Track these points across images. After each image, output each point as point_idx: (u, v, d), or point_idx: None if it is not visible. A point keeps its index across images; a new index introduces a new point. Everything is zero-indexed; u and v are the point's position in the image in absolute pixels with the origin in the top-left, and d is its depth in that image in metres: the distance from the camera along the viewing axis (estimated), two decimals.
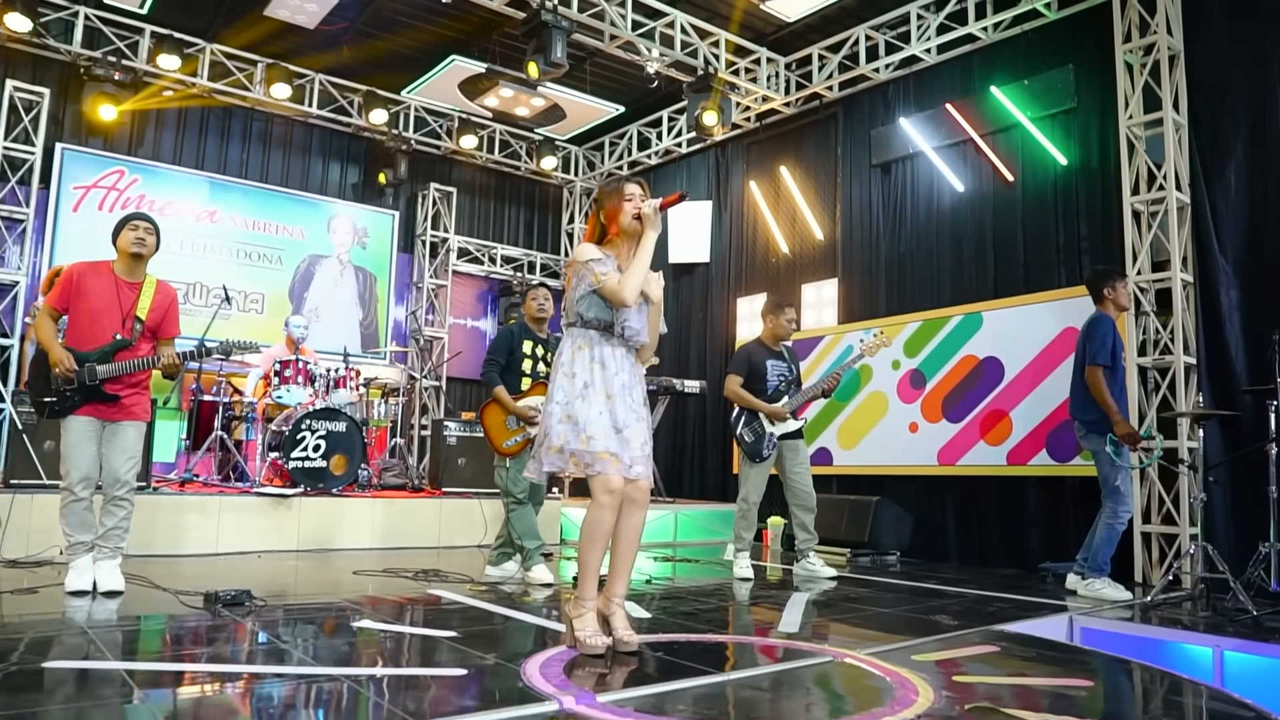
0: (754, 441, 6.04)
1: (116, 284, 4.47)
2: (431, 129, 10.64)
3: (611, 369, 3.55)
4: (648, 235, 3.54)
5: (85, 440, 4.36)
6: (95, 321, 4.37)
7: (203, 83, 9.22)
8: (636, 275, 3.49)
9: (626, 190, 3.64)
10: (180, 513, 6.49)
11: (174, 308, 4.67)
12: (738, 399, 6.10)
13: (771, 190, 9.52)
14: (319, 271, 10.04)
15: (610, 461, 3.40)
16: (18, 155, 8.25)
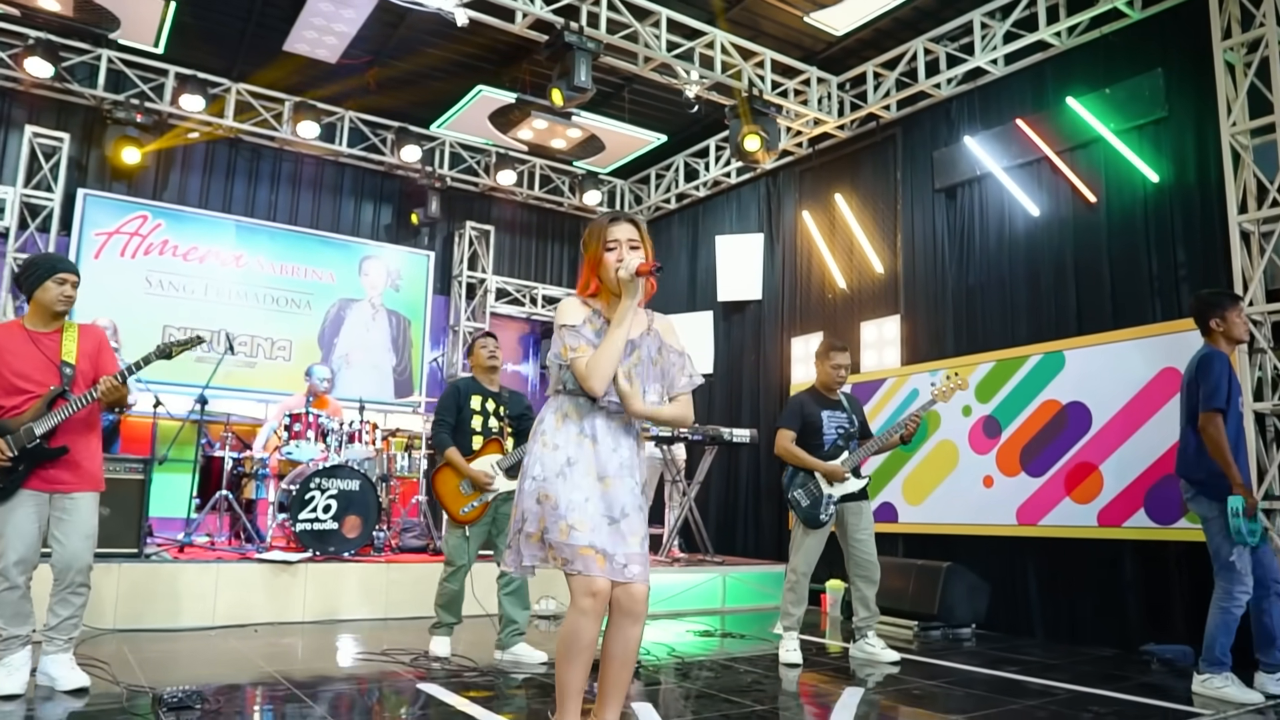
0: (809, 505, 5.28)
1: (32, 338, 3.95)
2: (468, 165, 10.19)
3: (606, 445, 2.91)
4: (623, 306, 2.88)
5: (26, 518, 3.83)
6: (20, 382, 3.88)
7: (228, 123, 8.91)
8: (606, 359, 2.84)
9: (610, 235, 2.97)
10: (176, 582, 5.97)
11: (105, 345, 4.17)
12: (789, 457, 5.36)
13: (826, 220, 8.78)
14: (350, 316, 9.60)
15: (595, 560, 2.75)
16: (38, 202, 8.00)
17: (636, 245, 2.99)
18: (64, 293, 3.96)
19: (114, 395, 3.91)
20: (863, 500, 5.41)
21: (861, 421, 5.57)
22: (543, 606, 7.06)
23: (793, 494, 5.35)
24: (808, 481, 5.32)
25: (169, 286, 8.67)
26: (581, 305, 3.02)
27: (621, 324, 2.86)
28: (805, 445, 5.35)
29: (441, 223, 10.13)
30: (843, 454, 5.32)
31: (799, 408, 5.44)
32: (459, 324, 10.06)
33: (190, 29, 7.98)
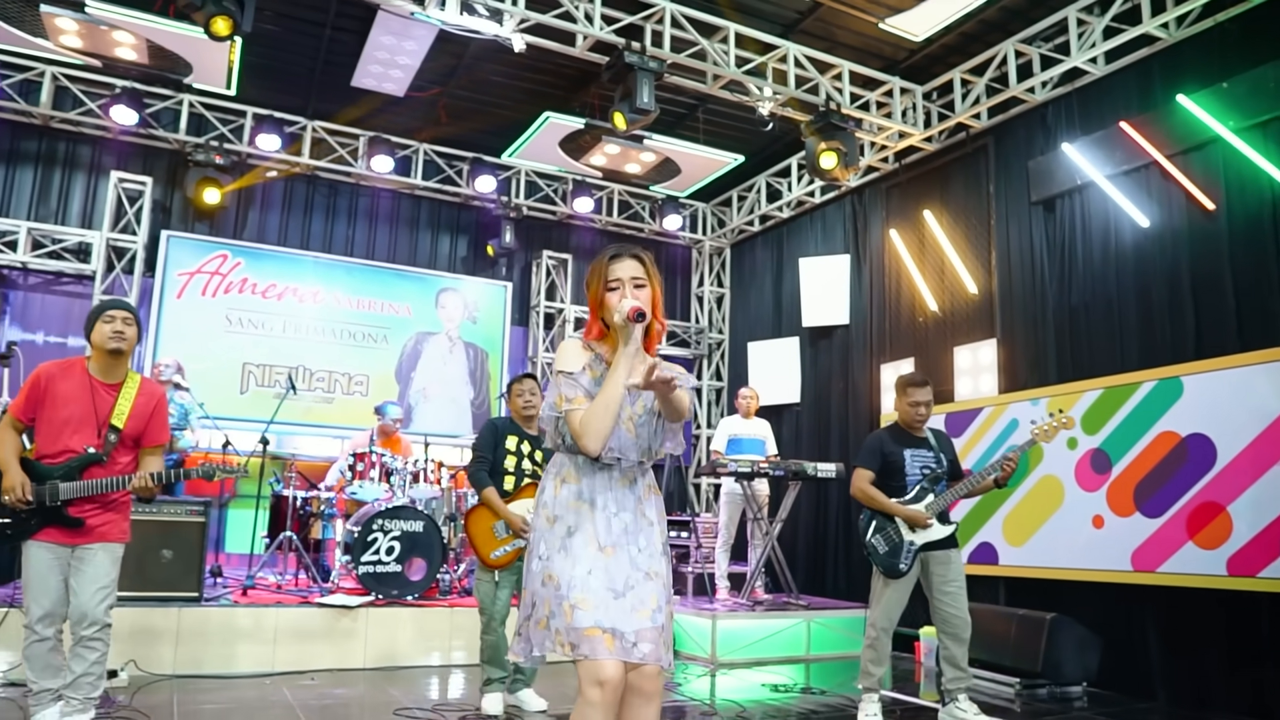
0: (888, 553, 4.80)
1: (91, 386, 3.83)
2: (544, 193, 10.02)
3: (607, 508, 2.60)
4: (618, 356, 2.54)
5: (48, 571, 3.74)
6: (65, 432, 3.77)
7: (304, 160, 8.97)
8: (603, 414, 2.50)
9: (611, 272, 2.65)
10: (235, 627, 5.87)
11: (160, 411, 3.99)
12: (865, 499, 4.90)
13: (915, 239, 8.22)
14: (427, 349, 9.51)
15: (602, 641, 2.43)
16: (123, 245, 8.17)
17: (642, 284, 2.65)
18: (113, 329, 3.83)
19: (145, 493, 3.85)
20: (950, 548, 4.88)
21: (951, 460, 5.04)
22: None
23: (870, 540, 4.87)
24: (886, 526, 4.83)
25: (248, 324, 8.74)
26: (583, 349, 2.69)
27: (618, 373, 2.52)
28: (885, 487, 4.88)
29: (519, 252, 9.98)
30: (928, 497, 4.82)
31: (878, 445, 4.96)
32: (537, 355, 9.86)
33: (261, 70, 8.05)
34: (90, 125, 8.29)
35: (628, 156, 8.89)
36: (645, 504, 2.68)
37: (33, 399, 3.79)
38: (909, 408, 4.95)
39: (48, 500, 3.69)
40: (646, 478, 2.73)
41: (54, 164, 8.28)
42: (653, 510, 2.71)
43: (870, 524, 4.89)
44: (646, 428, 2.67)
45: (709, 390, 10.63)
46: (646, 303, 2.64)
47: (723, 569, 8.05)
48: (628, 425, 2.62)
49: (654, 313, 2.71)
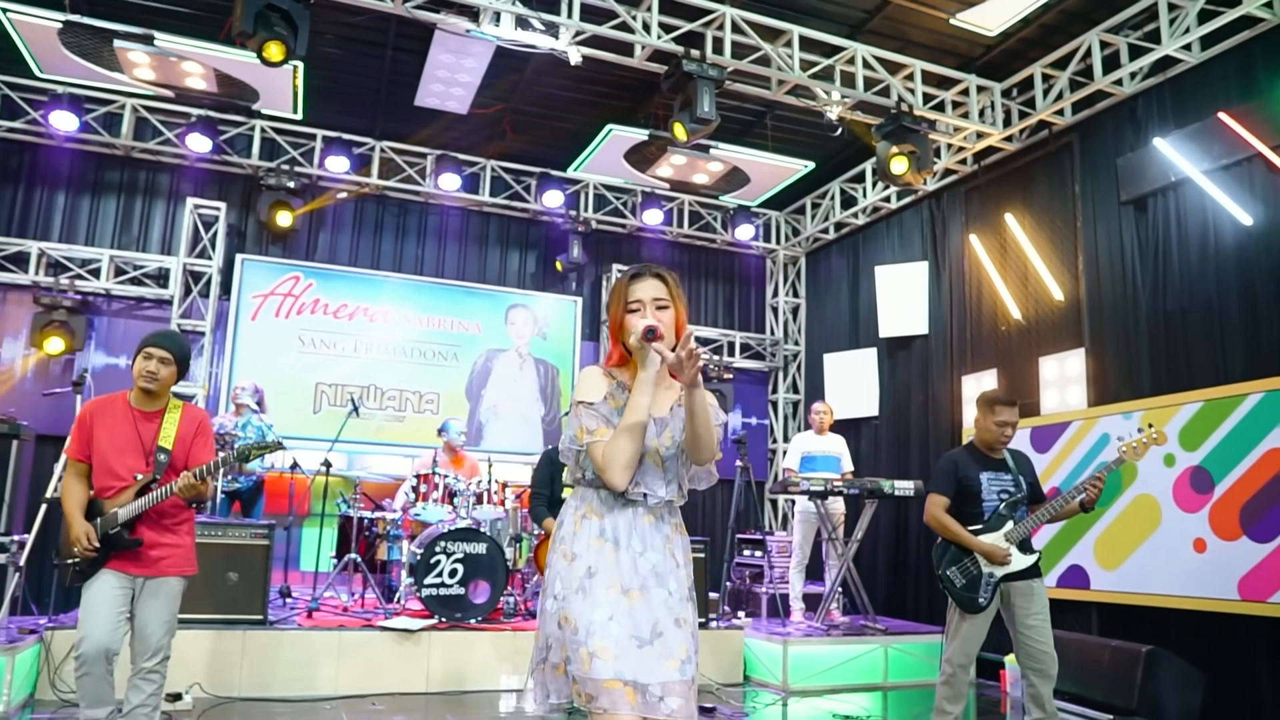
0: (965, 586, 4.48)
1: (134, 417, 3.84)
2: (613, 206, 9.90)
3: (631, 548, 2.42)
4: (639, 379, 2.38)
5: (106, 601, 3.68)
6: (115, 463, 3.77)
7: (373, 181, 9.06)
8: (625, 445, 2.34)
9: (632, 293, 2.49)
10: (300, 650, 5.87)
11: (204, 433, 3.96)
12: (940, 528, 4.59)
13: (997, 244, 7.81)
14: (497, 366, 9.48)
15: (623, 695, 2.26)
16: (199, 269, 8.36)
17: (665, 305, 2.48)
18: (147, 369, 3.80)
19: (192, 492, 3.74)
20: (1033, 579, 4.52)
21: (1031, 484, 4.69)
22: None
23: (946, 573, 4.55)
24: (963, 557, 4.51)
25: (320, 344, 8.84)
26: (603, 377, 2.52)
27: (638, 400, 2.34)
28: (961, 513, 4.56)
29: (589, 266, 9.88)
30: (1006, 524, 4.49)
31: (952, 469, 4.64)
32: None
33: (328, 93, 8.14)
34: (168, 154, 8.52)
35: (694, 167, 8.70)
36: (673, 543, 2.50)
37: (82, 437, 3.81)
38: (995, 428, 4.61)
39: (109, 529, 3.68)
40: (675, 516, 2.54)
41: (135, 193, 8.53)
42: (680, 551, 2.52)
43: (945, 555, 4.58)
44: (674, 461, 2.49)
45: (785, 404, 10.33)
46: (669, 325, 2.46)
47: (797, 590, 7.77)
48: (654, 459, 2.45)
49: (677, 334, 2.53)
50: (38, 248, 7.93)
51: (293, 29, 5.52)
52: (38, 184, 8.24)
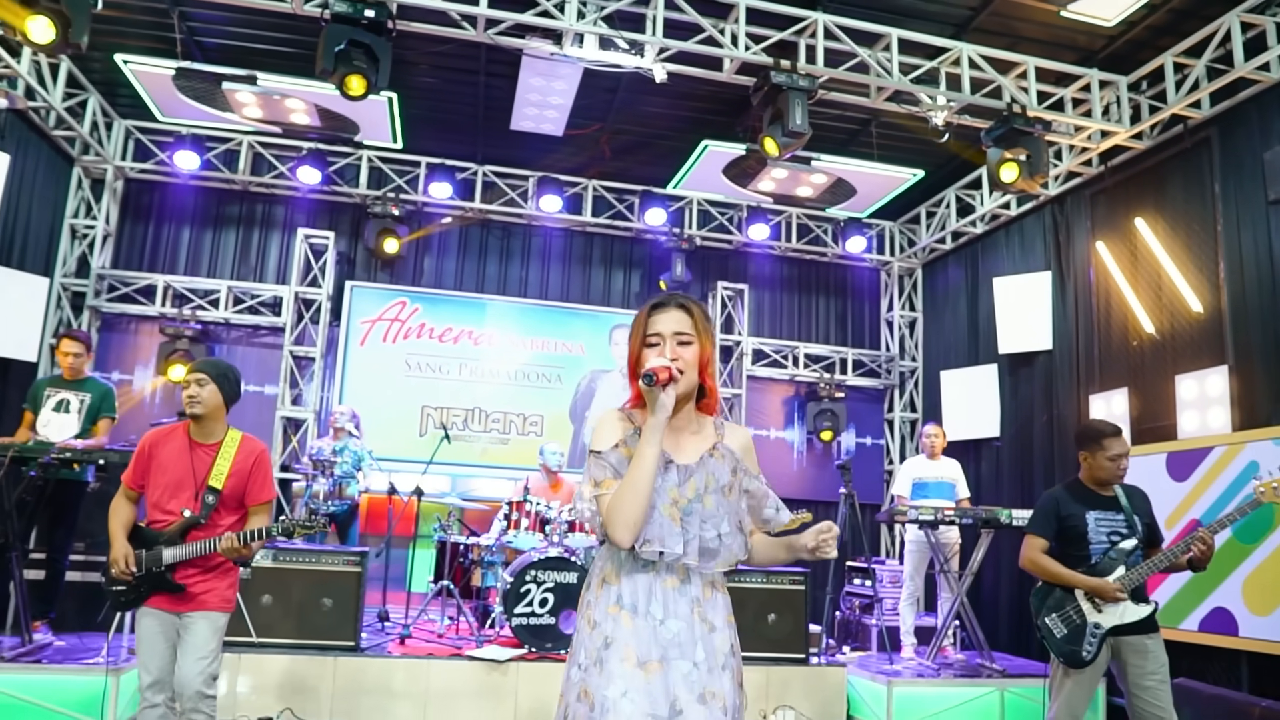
0: (1066, 637, 4.05)
1: (191, 448, 3.79)
2: (717, 222, 9.68)
3: (650, 615, 2.21)
4: (647, 426, 2.18)
5: (154, 637, 3.73)
6: (167, 496, 3.75)
7: (476, 205, 9.15)
8: (630, 498, 2.15)
9: (651, 325, 2.29)
10: (389, 678, 5.89)
11: (260, 468, 3.89)
12: (1038, 570, 4.17)
13: (1126, 251, 7.17)
14: (601, 387, 9.40)
15: None
16: (310, 297, 8.63)
17: (688, 340, 2.27)
18: (187, 395, 3.78)
19: (234, 555, 3.70)
20: (1148, 634, 4.03)
21: (1148, 524, 4.18)
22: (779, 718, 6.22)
23: (1044, 621, 4.12)
24: (1065, 604, 4.08)
25: (426, 368, 8.97)
26: (619, 422, 2.32)
27: (646, 448, 2.14)
28: (1064, 557, 4.12)
29: (693, 284, 9.69)
30: (1117, 569, 4.02)
31: (1053, 507, 4.20)
32: None
33: (428, 121, 8.27)
34: (282, 187, 8.85)
35: (797, 180, 8.38)
36: (706, 605, 2.26)
37: (139, 466, 3.80)
38: (1108, 463, 4.13)
39: (152, 566, 3.69)
40: (707, 574, 2.29)
41: (252, 225, 8.90)
42: (718, 613, 2.28)
43: (1044, 601, 4.15)
44: (697, 516, 2.25)
45: (901, 423, 9.83)
46: (691, 362, 2.26)
47: (908, 624, 7.32)
48: (670, 511, 2.22)
49: (703, 372, 2.31)
50: (164, 281, 8.36)
51: (374, 62, 5.57)
52: (166, 220, 8.71)
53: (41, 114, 7.44)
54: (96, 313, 8.27)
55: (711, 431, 2.39)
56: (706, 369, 2.33)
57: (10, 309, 7.15)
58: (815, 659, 6.69)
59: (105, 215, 8.33)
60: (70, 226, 8.22)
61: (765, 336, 9.83)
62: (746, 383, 9.51)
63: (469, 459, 8.87)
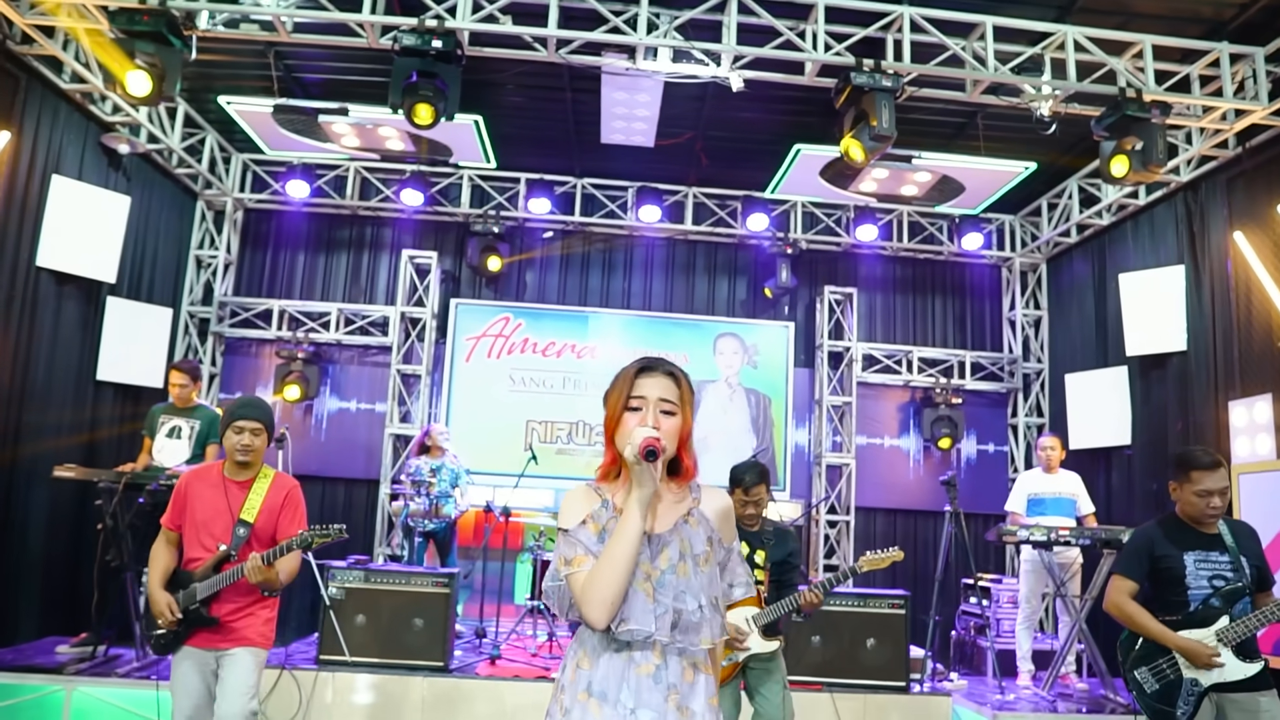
0: (1158, 694, 3.65)
1: (225, 486, 3.84)
2: (824, 225, 9.35)
3: (620, 704, 2.07)
4: (631, 500, 2.05)
5: (189, 675, 3.75)
6: (203, 534, 3.79)
7: (576, 218, 9.16)
8: (606, 576, 2.03)
9: (637, 388, 2.18)
10: (474, 700, 5.96)
11: (291, 503, 3.90)
12: (1123, 618, 3.77)
13: (1269, 241, 6.46)
14: (705, 398, 9.24)
15: None
16: (416, 316, 8.86)
17: (672, 410, 2.16)
18: (241, 442, 3.82)
19: (259, 576, 3.64)
20: (1261, 692, 3.55)
21: (1257, 567, 3.68)
22: None
23: (1135, 673, 3.73)
24: (1156, 655, 3.68)
25: (530, 382, 9.06)
26: (587, 495, 2.21)
27: (628, 523, 2.02)
28: (1160, 602, 3.71)
29: (801, 289, 9.42)
30: (1220, 619, 3.59)
31: (1146, 547, 3.77)
32: (823, 398, 9.18)
33: (519, 139, 8.33)
34: (388, 209, 9.12)
35: (900, 179, 7.99)
36: (685, 691, 2.11)
37: (177, 506, 3.84)
38: (1195, 499, 3.69)
39: (188, 605, 3.72)
40: (688, 655, 2.14)
41: (362, 248, 9.22)
42: (698, 698, 2.12)
43: (1132, 650, 3.76)
44: (670, 588, 2.11)
45: (1026, 429, 9.23)
46: (671, 434, 2.14)
47: (1024, 649, 6.87)
48: (642, 586, 2.08)
49: (681, 448, 2.19)
50: (279, 306, 8.77)
51: (439, 91, 5.62)
52: (282, 247, 9.14)
53: (164, 154, 7.92)
54: (220, 338, 8.77)
55: (687, 497, 2.25)
56: (685, 444, 2.21)
57: (139, 339, 7.65)
58: (918, 687, 6.36)
59: (226, 245, 8.83)
60: (195, 257, 8.75)
61: (877, 341, 9.43)
62: (857, 390, 9.15)
63: (572, 472, 8.90)
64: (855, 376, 9.17)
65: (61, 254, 6.75)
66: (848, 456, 9.03)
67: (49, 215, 6.64)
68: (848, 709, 6.12)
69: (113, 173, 7.36)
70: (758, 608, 4.24)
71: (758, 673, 4.34)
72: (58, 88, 6.59)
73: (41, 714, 5.44)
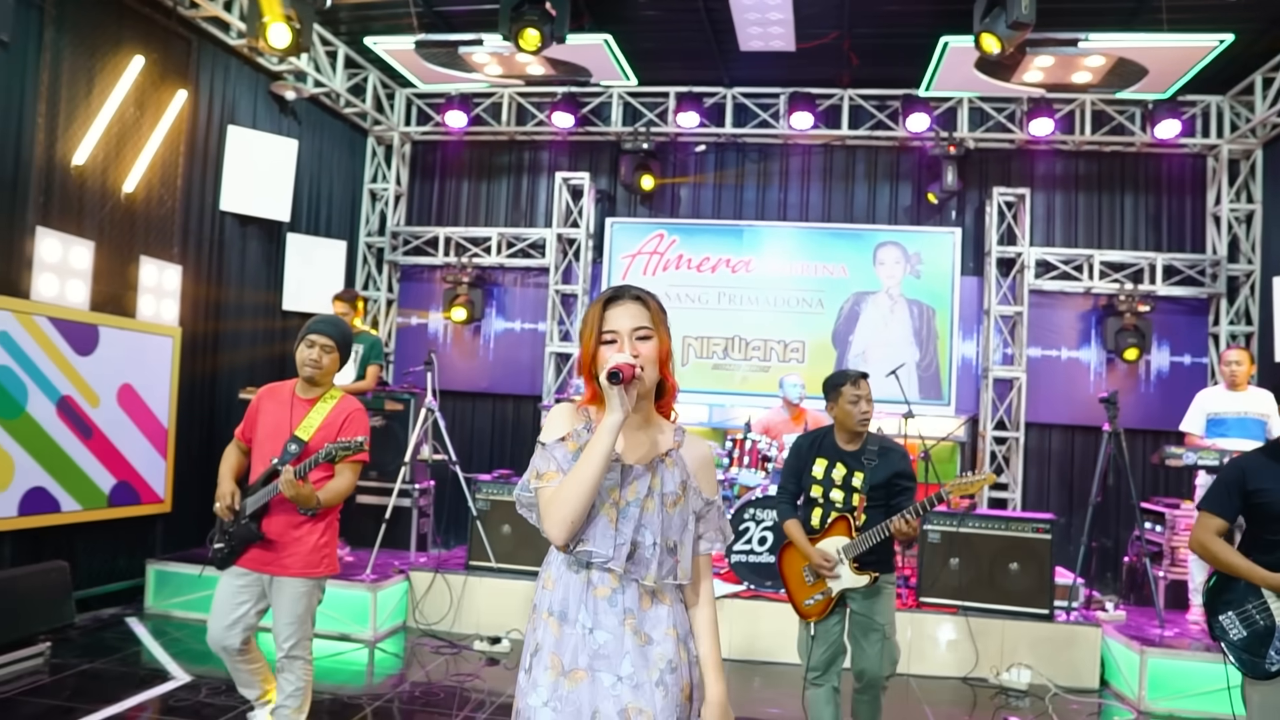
0: (1245, 641, 3.29)
1: (292, 403, 3.78)
2: (994, 121, 8.64)
3: (579, 623, 2.14)
4: (601, 426, 2.07)
5: (225, 600, 3.72)
6: (265, 448, 3.74)
7: (728, 130, 8.98)
8: (568, 494, 2.07)
9: (606, 322, 2.17)
10: None
11: (352, 423, 3.76)
12: (1208, 556, 3.42)
13: None
14: (865, 310, 8.94)
15: None
16: (572, 236, 9.09)
17: (647, 335, 2.16)
18: (310, 356, 3.73)
19: (290, 490, 3.50)
20: None
21: None
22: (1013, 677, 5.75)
23: (1217, 619, 3.39)
24: (1246, 599, 3.32)
25: (685, 299, 9.10)
26: (570, 415, 2.25)
27: (596, 446, 2.04)
28: (1255, 542, 3.34)
29: (971, 191, 8.83)
30: None
31: (1237, 479, 3.36)
32: (991, 307, 8.63)
33: (662, 54, 8.21)
34: (544, 134, 9.31)
35: (1070, 66, 7.21)
36: (642, 617, 2.14)
37: (249, 420, 3.84)
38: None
39: (240, 520, 3.69)
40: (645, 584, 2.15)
41: (520, 172, 9.50)
42: (658, 627, 2.15)
43: (1219, 595, 3.40)
44: (632, 520, 2.13)
45: (1229, 339, 8.23)
46: (650, 357, 2.14)
47: (1196, 581, 6.31)
48: (607, 512, 2.12)
49: (663, 368, 2.20)
50: (444, 233, 9.24)
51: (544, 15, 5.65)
52: (447, 176, 9.59)
53: (331, 97, 8.46)
54: (395, 265, 9.40)
55: (669, 437, 2.26)
56: (666, 363, 2.20)
57: (317, 270, 8.35)
58: (1064, 615, 6.05)
59: (395, 177, 9.37)
60: (369, 191, 9.35)
61: (1055, 245, 8.71)
62: (1029, 298, 8.53)
63: (729, 387, 8.96)
64: (1027, 284, 8.53)
65: (241, 197, 7.45)
66: (1018, 370, 8.49)
67: (228, 163, 7.32)
68: (984, 634, 5.94)
69: (284, 118, 7.97)
70: (849, 536, 3.94)
71: (860, 620, 3.96)
72: (226, 45, 7.16)
73: None
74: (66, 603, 5.40)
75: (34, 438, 5.56)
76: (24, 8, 5.54)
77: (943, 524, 6.23)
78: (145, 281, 6.51)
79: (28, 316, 5.52)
